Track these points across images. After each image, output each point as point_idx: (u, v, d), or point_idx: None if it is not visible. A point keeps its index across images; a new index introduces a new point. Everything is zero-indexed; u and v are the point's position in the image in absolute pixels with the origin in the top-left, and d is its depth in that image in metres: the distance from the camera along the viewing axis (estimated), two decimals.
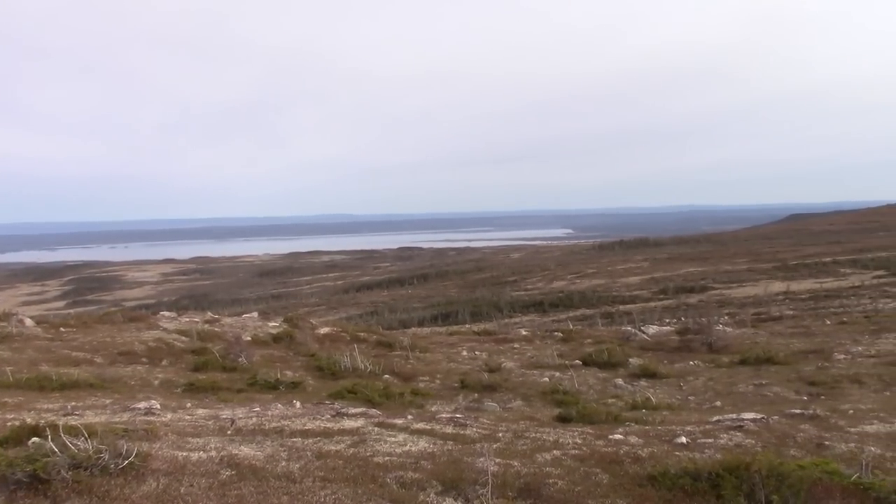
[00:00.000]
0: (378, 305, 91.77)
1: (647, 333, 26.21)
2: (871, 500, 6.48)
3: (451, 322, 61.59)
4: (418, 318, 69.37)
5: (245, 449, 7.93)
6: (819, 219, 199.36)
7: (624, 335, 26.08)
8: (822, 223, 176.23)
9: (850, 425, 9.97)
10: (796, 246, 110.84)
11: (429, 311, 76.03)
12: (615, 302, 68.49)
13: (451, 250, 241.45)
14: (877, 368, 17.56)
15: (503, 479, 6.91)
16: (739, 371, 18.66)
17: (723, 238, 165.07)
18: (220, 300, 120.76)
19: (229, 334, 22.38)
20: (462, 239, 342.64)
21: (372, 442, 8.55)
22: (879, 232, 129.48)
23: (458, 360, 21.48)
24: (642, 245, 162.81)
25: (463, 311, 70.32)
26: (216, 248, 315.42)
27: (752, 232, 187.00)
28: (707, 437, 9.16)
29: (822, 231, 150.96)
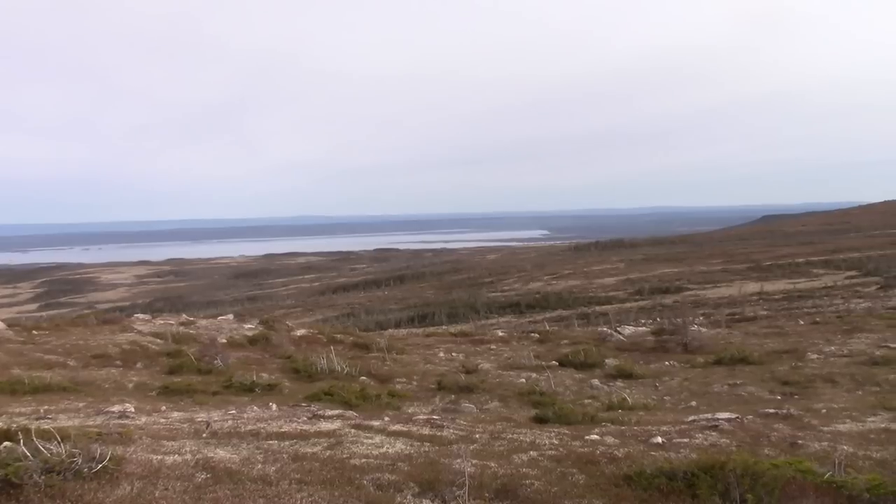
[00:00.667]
0: (355, 307, 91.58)
1: (622, 334, 26.33)
2: (843, 499, 6.54)
3: (428, 323, 61.59)
4: (395, 319, 69.30)
5: (221, 452, 7.87)
6: (792, 220, 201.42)
7: (600, 336, 26.18)
8: (795, 224, 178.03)
9: (824, 424, 10.07)
10: (770, 247, 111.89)
11: (405, 313, 75.98)
12: (591, 303, 68.78)
13: (428, 252, 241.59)
14: (849, 368, 17.75)
15: (480, 480, 6.91)
16: (714, 371, 18.79)
17: (697, 239, 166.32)
18: (195, 302, 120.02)
19: (204, 337, 22.25)
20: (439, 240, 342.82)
21: (349, 444, 8.53)
22: (851, 233, 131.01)
23: (434, 362, 21.47)
24: (618, 246, 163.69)
25: (440, 313, 70.34)
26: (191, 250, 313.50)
27: (726, 233, 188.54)
28: (682, 436, 9.22)
29: (796, 232, 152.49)
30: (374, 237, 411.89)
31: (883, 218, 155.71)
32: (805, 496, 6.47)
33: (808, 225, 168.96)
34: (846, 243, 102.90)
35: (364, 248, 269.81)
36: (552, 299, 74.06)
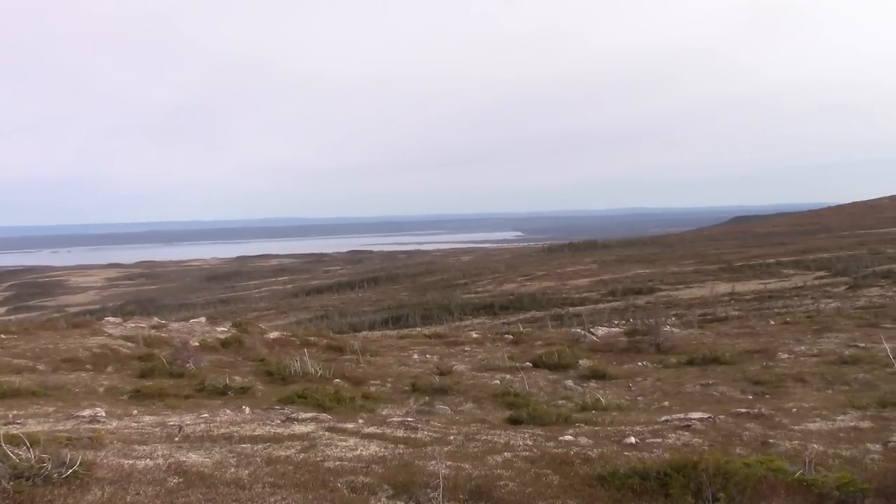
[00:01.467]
0: (328, 309, 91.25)
1: (596, 335, 26.45)
2: (814, 497, 6.61)
3: (402, 325, 61.49)
4: (369, 321, 69.12)
5: (193, 456, 7.81)
6: (763, 221, 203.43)
7: (573, 337, 26.27)
8: (766, 225, 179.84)
9: (794, 423, 10.17)
10: (741, 248, 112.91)
11: (379, 315, 75.83)
12: (565, 304, 69.00)
13: (402, 253, 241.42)
14: (819, 367, 17.95)
15: (454, 481, 6.91)
16: (687, 371, 18.92)
17: (670, 240, 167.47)
18: (166, 305, 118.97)
19: (176, 340, 22.06)
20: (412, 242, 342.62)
21: (322, 447, 8.49)
22: (821, 234, 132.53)
23: (408, 364, 21.45)
24: (591, 247, 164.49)
25: (413, 315, 70.26)
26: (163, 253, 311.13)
27: (698, 234, 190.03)
28: (655, 436, 9.27)
29: (766, 233, 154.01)
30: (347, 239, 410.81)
31: (852, 219, 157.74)
32: (776, 494, 6.53)
33: (778, 226, 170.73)
34: (816, 244, 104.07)
35: (337, 249, 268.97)
36: (526, 300, 74.25)
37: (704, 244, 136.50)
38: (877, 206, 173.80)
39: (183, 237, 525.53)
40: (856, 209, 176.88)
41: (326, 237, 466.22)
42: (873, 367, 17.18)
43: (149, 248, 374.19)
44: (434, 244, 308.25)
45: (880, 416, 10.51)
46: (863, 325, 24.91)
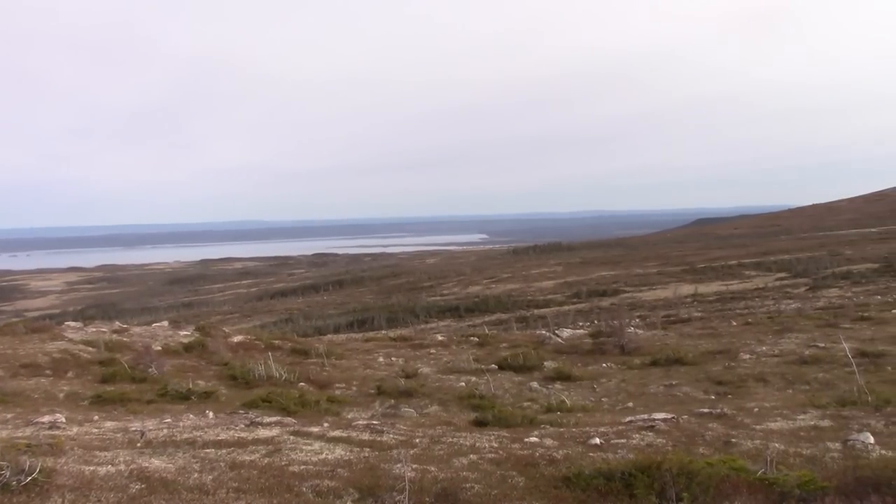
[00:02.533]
0: (293, 312, 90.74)
1: (561, 337, 26.57)
2: (775, 495, 6.70)
3: (368, 328, 61.29)
4: (334, 324, 68.82)
5: (156, 461, 7.73)
6: (725, 223, 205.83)
7: (539, 339, 26.37)
8: (728, 227, 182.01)
9: (756, 423, 10.29)
10: (704, 249, 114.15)
11: (344, 318, 75.54)
12: (530, 306, 69.26)
13: (367, 256, 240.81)
14: (780, 367, 18.19)
15: (420, 484, 6.90)
16: (650, 372, 19.08)
17: (633, 242, 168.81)
18: (128, 309, 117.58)
19: (139, 344, 21.79)
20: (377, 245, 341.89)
21: (287, 451, 8.45)
22: (781, 235, 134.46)
23: (374, 367, 21.39)
24: (556, 250, 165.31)
25: (379, 317, 70.10)
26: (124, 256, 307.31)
27: (661, 236, 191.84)
28: (620, 437, 9.34)
29: (728, 235, 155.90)
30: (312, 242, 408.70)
31: (811, 221, 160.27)
32: (738, 493, 6.61)
33: (740, 228, 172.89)
34: (777, 246, 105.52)
35: (302, 252, 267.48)
36: (491, 303, 74.40)
37: (668, 246, 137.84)
38: (835, 208, 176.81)
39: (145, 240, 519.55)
40: (815, 211, 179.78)
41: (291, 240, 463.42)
42: (833, 367, 17.45)
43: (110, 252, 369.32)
44: (399, 247, 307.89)
45: (839, 414, 10.68)
46: (822, 326, 25.28)
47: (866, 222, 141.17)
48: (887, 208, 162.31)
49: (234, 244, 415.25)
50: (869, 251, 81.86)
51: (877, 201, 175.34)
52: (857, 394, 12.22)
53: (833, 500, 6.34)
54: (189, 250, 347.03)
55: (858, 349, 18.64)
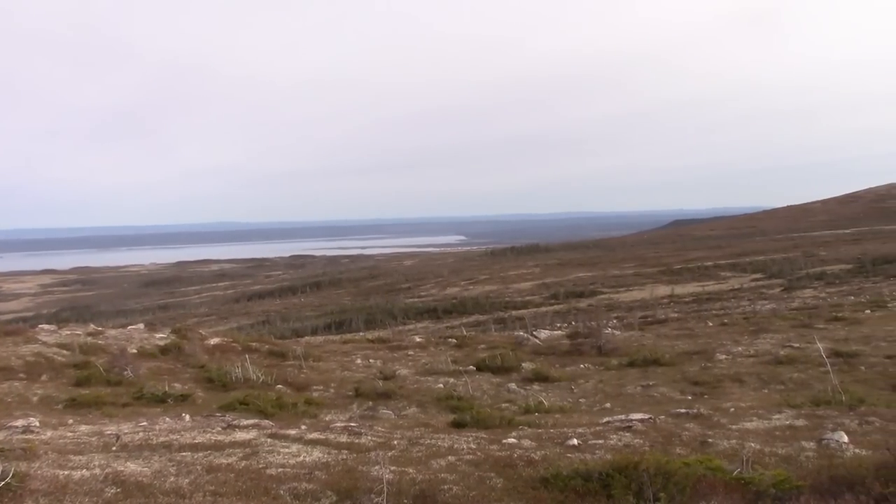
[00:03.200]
0: (270, 314, 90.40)
1: (538, 338, 26.62)
2: (751, 494, 6.75)
3: (345, 330, 61.15)
4: (311, 326, 68.62)
5: (131, 465, 7.67)
6: (701, 225, 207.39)
7: (517, 340, 26.40)
8: (704, 229, 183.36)
9: (732, 423, 10.36)
10: (680, 251, 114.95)
11: (322, 320, 75.35)
12: (508, 307, 69.41)
13: (345, 258, 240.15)
14: (755, 367, 18.35)
15: (398, 486, 6.89)
16: (628, 373, 19.17)
17: (611, 244, 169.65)
18: (103, 312, 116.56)
19: (114, 347, 21.59)
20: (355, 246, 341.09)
21: (265, 454, 8.41)
22: (756, 237, 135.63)
23: (352, 369, 21.33)
24: (534, 251, 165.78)
25: (357, 319, 69.98)
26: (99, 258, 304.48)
27: (638, 237, 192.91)
28: (598, 438, 9.37)
29: (704, 236, 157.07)
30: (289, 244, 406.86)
31: (786, 222, 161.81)
32: (715, 493, 6.65)
33: (716, 229, 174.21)
34: (752, 247, 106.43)
35: (279, 254, 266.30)
36: (469, 304, 74.50)
37: (644, 248, 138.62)
38: (809, 210, 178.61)
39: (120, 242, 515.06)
40: (790, 213, 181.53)
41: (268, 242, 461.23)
42: (807, 367, 17.63)
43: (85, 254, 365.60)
44: (377, 248, 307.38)
45: (814, 414, 10.77)
46: (797, 326, 25.53)
47: (840, 223, 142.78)
48: (860, 209, 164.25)
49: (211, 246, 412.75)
50: (842, 252, 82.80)
51: (850, 203, 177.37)
52: (832, 393, 12.34)
53: (808, 499, 6.39)
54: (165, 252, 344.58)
55: (832, 349, 18.85)
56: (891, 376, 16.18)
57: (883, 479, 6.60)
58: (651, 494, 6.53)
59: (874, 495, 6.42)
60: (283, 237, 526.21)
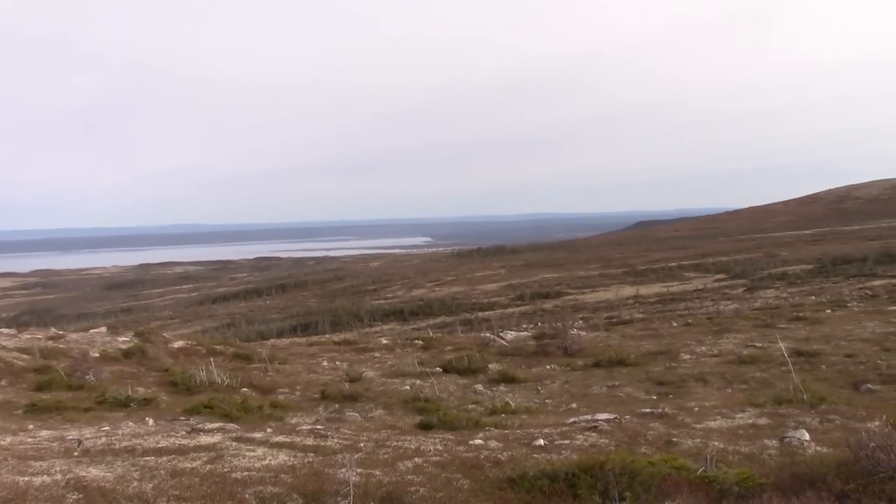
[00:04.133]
0: (235, 317, 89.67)
1: (505, 339, 26.69)
2: (715, 493, 6.82)
3: (311, 332, 60.84)
4: (277, 329, 68.18)
5: (93, 470, 7.57)
6: (665, 226, 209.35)
7: (483, 341, 26.45)
8: (668, 230, 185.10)
9: (696, 422, 10.46)
10: (645, 252, 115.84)
11: (288, 322, 74.89)
12: (474, 309, 69.45)
13: (310, 260, 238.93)
14: (719, 367, 18.56)
15: (365, 489, 6.87)
16: (593, 373, 19.28)
17: (576, 245, 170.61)
18: (65, 315, 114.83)
19: (75, 351, 21.30)
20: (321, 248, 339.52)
21: (230, 457, 8.34)
22: (720, 237, 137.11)
23: (318, 371, 21.25)
24: (500, 252, 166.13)
25: (323, 321, 69.64)
26: (60, 261, 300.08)
27: (603, 238, 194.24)
28: (564, 438, 9.42)
29: (668, 237, 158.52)
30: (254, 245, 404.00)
31: (749, 223, 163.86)
32: (679, 492, 6.71)
33: (680, 230, 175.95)
34: (715, 247, 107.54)
35: (244, 256, 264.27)
36: (435, 306, 74.46)
37: (610, 249, 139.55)
38: (771, 211, 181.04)
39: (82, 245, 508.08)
40: (752, 214, 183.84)
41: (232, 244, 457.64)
42: (770, 366, 17.86)
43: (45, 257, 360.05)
44: (343, 250, 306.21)
45: (776, 412, 10.91)
46: (759, 326, 25.84)
47: (800, 224, 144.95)
48: (820, 210, 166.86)
49: (175, 248, 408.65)
50: (803, 252, 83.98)
51: (810, 203, 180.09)
52: (793, 392, 12.51)
53: (770, 497, 6.47)
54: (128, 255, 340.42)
55: (794, 348, 19.11)
56: (851, 375, 16.45)
57: (843, 477, 6.71)
58: (617, 494, 6.57)
59: (835, 492, 6.52)
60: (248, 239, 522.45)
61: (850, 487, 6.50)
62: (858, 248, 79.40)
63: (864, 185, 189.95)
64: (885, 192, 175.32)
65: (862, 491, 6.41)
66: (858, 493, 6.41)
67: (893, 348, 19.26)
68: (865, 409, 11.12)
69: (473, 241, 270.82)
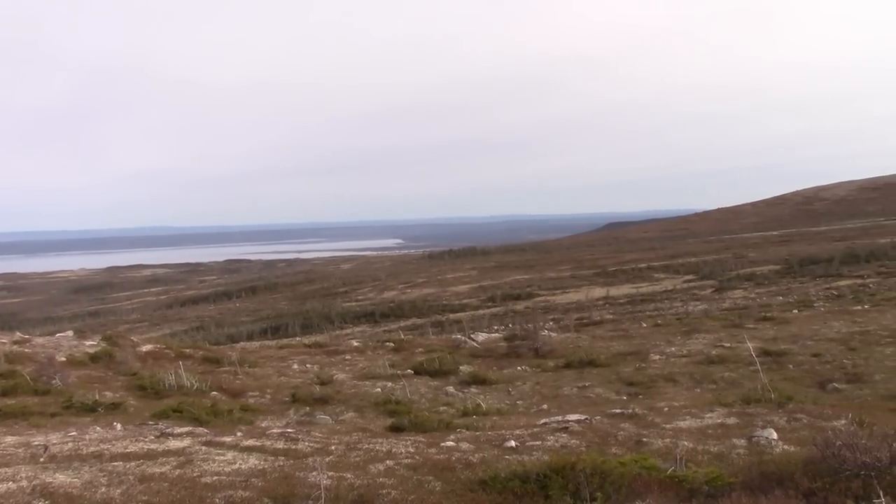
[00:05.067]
0: (204, 320, 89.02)
1: (476, 341, 26.73)
2: (684, 492, 6.88)
3: (282, 335, 60.53)
4: (247, 332, 67.77)
5: (60, 476, 7.47)
6: (635, 227, 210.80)
7: (454, 343, 26.48)
8: (638, 231, 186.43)
9: (666, 422, 10.54)
10: (615, 253, 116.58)
11: (258, 325, 74.48)
12: (445, 310, 69.49)
13: (281, 262, 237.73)
14: (688, 367, 18.72)
15: (336, 492, 6.85)
16: (564, 374, 19.36)
17: (547, 246, 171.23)
18: (30, 319, 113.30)
19: (41, 355, 21.02)
20: (291, 250, 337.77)
21: (199, 462, 8.27)
22: (688, 238, 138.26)
23: (288, 374, 21.15)
24: (471, 254, 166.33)
25: (293, 324, 69.33)
26: (26, 264, 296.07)
27: (574, 240, 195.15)
28: (535, 439, 9.44)
29: (638, 238, 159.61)
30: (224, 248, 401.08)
31: (717, 224, 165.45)
32: (650, 491, 6.75)
33: (649, 231, 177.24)
34: (684, 249, 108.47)
35: (213, 259, 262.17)
36: (407, 308, 74.39)
37: (580, 250, 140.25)
38: (740, 212, 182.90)
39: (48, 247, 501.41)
40: (721, 215, 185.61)
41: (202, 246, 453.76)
42: (738, 366, 18.05)
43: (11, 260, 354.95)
44: (313, 252, 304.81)
45: (745, 412, 11.02)
46: (728, 326, 26.09)
47: (768, 225, 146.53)
48: (787, 212, 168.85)
49: (143, 251, 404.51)
50: (771, 253, 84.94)
51: (778, 205, 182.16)
52: (761, 391, 12.63)
53: (739, 496, 6.53)
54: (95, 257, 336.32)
55: (762, 348, 19.32)
56: (817, 374, 16.67)
57: (811, 475, 6.78)
58: (588, 494, 6.60)
59: (802, 490, 6.60)
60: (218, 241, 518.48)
61: (817, 485, 6.57)
62: (825, 248, 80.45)
63: (831, 186, 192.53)
64: (852, 194, 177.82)
65: (829, 489, 6.49)
66: (825, 491, 6.48)
67: (859, 348, 19.54)
68: (832, 407, 11.27)
69: (444, 242, 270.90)
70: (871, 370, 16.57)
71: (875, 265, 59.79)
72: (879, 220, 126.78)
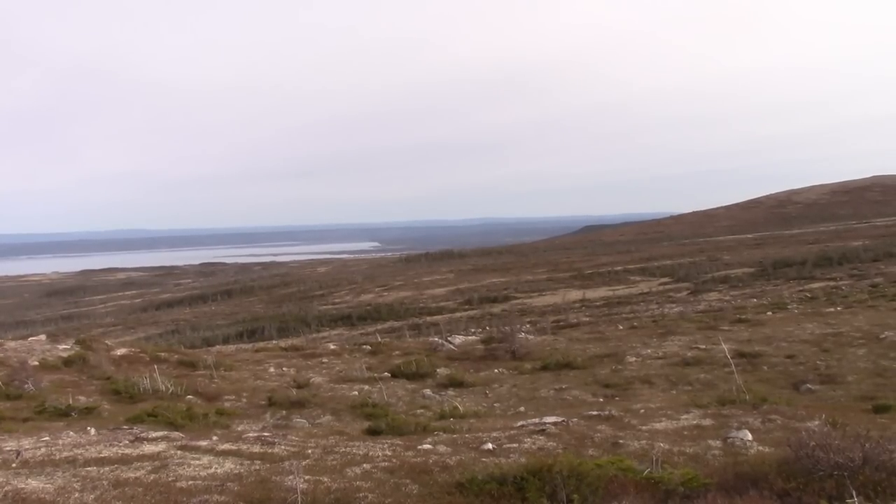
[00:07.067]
0: (179, 323, 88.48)
1: (453, 343, 26.72)
2: (661, 493, 6.91)
3: (258, 338, 60.30)
4: (223, 335, 67.44)
5: (33, 482, 7.39)
6: (611, 230, 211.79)
7: (431, 346, 26.44)
8: (614, 234, 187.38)
9: (642, 423, 10.59)
10: (591, 256, 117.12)
11: (234, 328, 74.14)
12: (422, 313, 69.50)
13: (257, 265, 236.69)
14: (664, 369, 18.81)
15: (313, 496, 6.82)
16: (541, 377, 19.39)
17: (523, 249, 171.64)
18: (2, 323, 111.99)
19: (13, 359, 20.76)
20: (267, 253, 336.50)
21: (174, 466, 8.21)
22: (664, 241, 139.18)
23: (265, 377, 21.03)
24: (448, 257, 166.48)
25: (269, 327, 69.07)
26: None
27: (550, 243, 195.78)
28: (512, 441, 9.45)
29: (614, 241, 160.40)
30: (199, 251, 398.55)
31: (692, 227, 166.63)
32: (626, 493, 6.78)
33: (625, 235, 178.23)
34: (660, 252, 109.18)
35: (189, 262, 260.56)
36: (384, 311, 74.34)
37: (557, 253, 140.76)
38: (714, 216, 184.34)
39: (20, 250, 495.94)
40: (695, 218, 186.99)
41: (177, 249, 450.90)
42: (713, 368, 18.17)
43: None
44: (290, 255, 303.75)
45: (720, 413, 11.10)
46: (703, 328, 26.25)
47: (742, 228, 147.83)
48: (761, 215, 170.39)
49: (117, 254, 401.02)
50: (745, 256, 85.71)
51: (752, 208, 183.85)
52: (736, 393, 12.74)
53: (715, 497, 6.57)
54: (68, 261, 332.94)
55: (737, 350, 19.47)
56: (791, 375, 16.82)
57: (785, 475, 6.84)
58: (564, 496, 6.62)
59: (777, 490, 6.65)
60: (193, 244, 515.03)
61: (791, 486, 6.63)
62: (798, 251, 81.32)
63: (803, 189, 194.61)
64: (824, 197, 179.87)
65: (802, 489, 6.55)
66: (799, 492, 6.55)
67: (832, 349, 19.74)
68: (805, 408, 11.39)
69: (421, 245, 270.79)
70: (844, 371, 16.76)
71: (847, 268, 60.50)
72: (851, 223, 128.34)
